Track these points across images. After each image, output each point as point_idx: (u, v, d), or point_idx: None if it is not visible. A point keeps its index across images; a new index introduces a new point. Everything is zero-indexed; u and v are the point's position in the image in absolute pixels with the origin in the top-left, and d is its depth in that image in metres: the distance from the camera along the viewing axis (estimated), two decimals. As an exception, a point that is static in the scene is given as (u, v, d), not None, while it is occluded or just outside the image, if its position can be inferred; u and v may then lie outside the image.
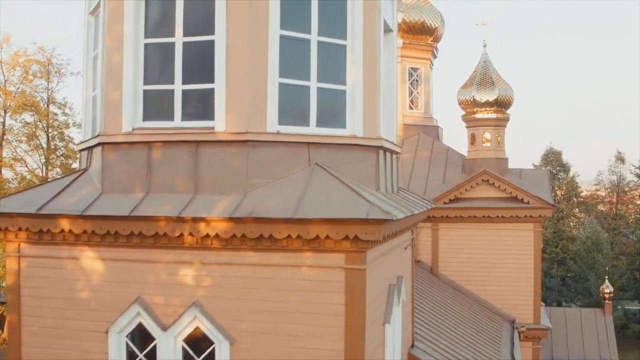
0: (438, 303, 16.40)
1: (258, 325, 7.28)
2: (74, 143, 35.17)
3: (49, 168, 39.14)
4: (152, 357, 7.68)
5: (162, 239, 7.49)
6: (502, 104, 20.27)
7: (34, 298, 8.12)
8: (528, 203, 18.76)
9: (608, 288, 23.89)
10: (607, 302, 23.68)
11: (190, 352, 7.56)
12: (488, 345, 15.32)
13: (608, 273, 38.91)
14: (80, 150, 9.31)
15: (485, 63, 20.91)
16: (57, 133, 38.82)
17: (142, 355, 7.74)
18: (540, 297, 19.92)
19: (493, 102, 20.10)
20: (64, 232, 7.80)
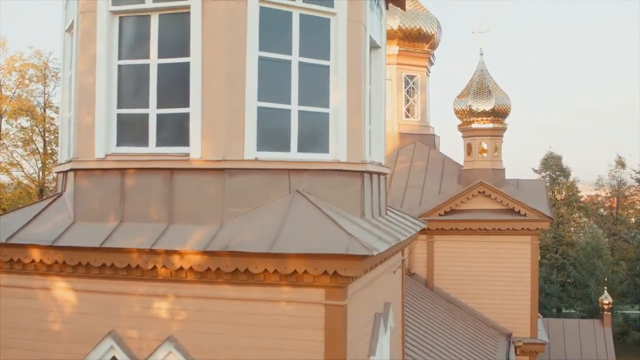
0: (431, 319, 16.08)
1: (235, 362, 6.95)
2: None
3: (46, 173, 38.98)
4: (125, 393, 7.36)
5: (135, 271, 7.17)
6: (498, 114, 19.96)
7: (7, 329, 7.80)
8: (525, 215, 18.43)
9: (607, 299, 23.53)
10: (606, 313, 23.32)
11: (165, 388, 7.23)
12: (483, 363, 15.00)
13: (607, 281, 38.61)
14: (57, 172, 9.01)
15: (482, 72, 20.61)
16: (53, 137, 38.69)
17: (115, 391, 7.41)
18: (537, 309, 19.60)
19: (490, 111, 19.80)
20: (35, 262, 7.50)
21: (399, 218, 10.07)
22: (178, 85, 7.38)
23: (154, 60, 7.49)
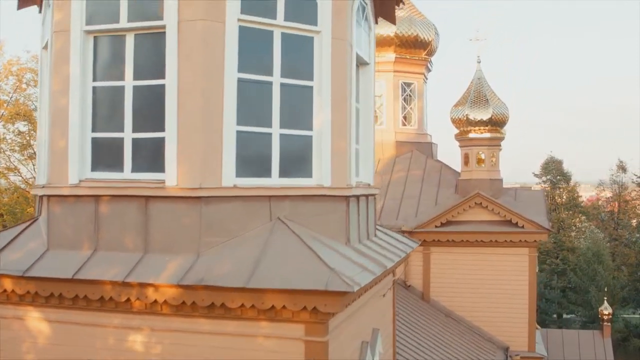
0: (426, 334, 15.77)
1: (212, 398, 6.65)
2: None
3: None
4: None
5: (108, 303, 6.88)
6: (496, 123, 19.64)
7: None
8: (523, 227, 18.10)
9: (607, 309, 23.18)
10: (606, 324, 22.97)
11: None
12: (479, 381, 14.69)
13: (609, 288, 38.27)
14: (35, 195, 8.71)
15: (480, 80, 20.29)
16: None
17: None
18: (535, 321, 19.27)
19: (487, 120, 19.48)
20: (7, 291, 7.21)
21: (389, 239, 9.76)
22: (154, 109, 7.07)
23: (129, 82, 7.19)
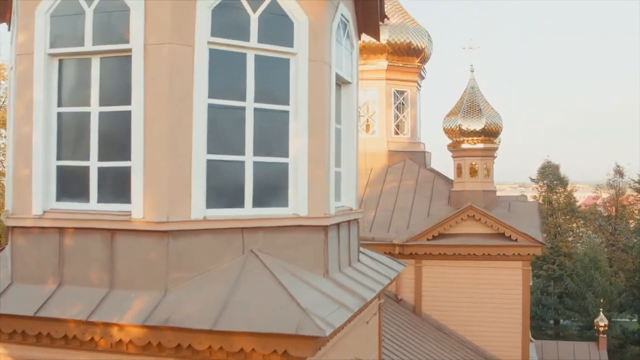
0: (417, 350, 15.44)
1: None
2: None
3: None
4: None
5: (73, 341, 6.54)
6: (489, 133, 19.30)
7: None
8: (516, 240, 17.75)
9: (603, 321, 22.85)
10: (601, 335, 22.65)
11: None
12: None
13: (605, 296, 37.97)
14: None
15: (473, 89, 19.95)
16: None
17: None
18: (529, 335, 18.95)
19: (480, 131, 19.14)
20: (-31, 327, 6.87)
21: (373, 263, 9.41)
22: (121, 136, 6.72)
23: (95, 108, 6.85)
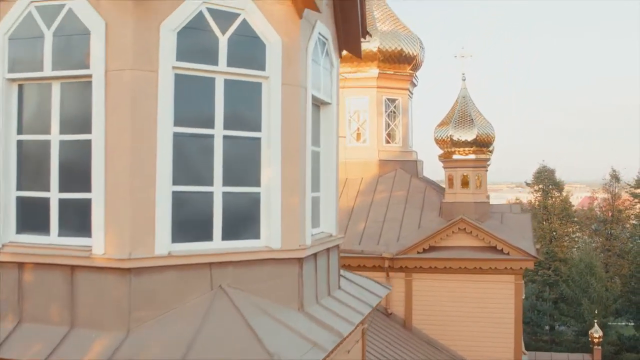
0: (408, 369, 15.09)
1: None
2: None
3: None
4: None
5: (31, 382, 6.19)
6: (481, 144, 18.98)
7: None
8: (508, 254, 17.42)
9: (597, 332, 22.53)
10: (596, 347, 22.32)
11: None
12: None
13: (601, 298, 37.65)
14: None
15: (464, 99, 19.62)
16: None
17: None
18: (522, 348, 18.61)
19: (472, 141, 18.82)
20: None
21: (355, 289, 9.06)
22: (82, 166, 6.37)
23: (56, 136, 6.51)
